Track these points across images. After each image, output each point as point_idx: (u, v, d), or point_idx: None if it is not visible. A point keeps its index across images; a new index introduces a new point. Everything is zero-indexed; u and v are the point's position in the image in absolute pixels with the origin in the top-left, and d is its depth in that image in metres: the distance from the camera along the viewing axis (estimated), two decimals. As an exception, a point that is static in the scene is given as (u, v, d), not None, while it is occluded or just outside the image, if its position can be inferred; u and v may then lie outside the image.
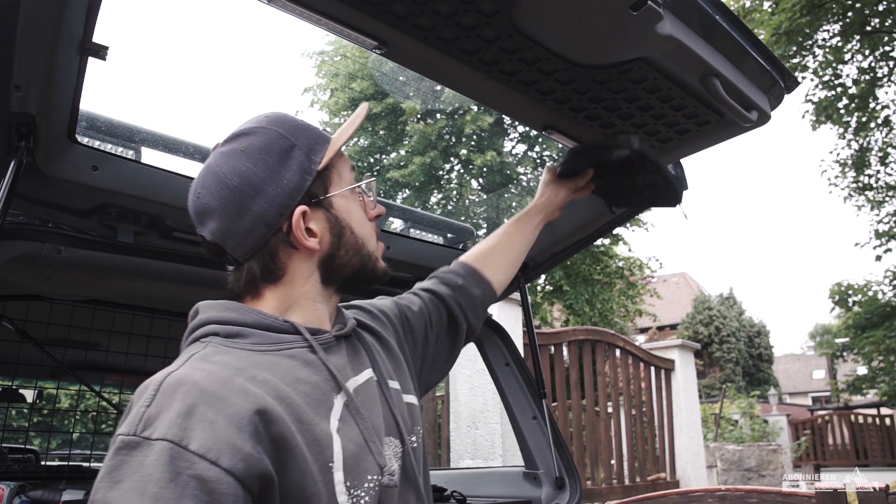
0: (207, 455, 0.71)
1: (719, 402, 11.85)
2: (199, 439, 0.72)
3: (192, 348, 0.89)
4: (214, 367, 0.81)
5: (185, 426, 0.73)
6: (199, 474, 0.70)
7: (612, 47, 1.23)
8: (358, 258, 1.00)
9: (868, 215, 14.00)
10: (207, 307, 0.95)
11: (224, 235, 0.94)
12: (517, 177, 15.94)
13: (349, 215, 1.00)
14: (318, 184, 0.96)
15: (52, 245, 1.43)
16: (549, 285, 15.05)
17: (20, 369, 2.84)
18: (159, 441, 0.71)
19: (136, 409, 0.75)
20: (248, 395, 0.78)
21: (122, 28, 4.10)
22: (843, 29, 10.79)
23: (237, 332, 0.90)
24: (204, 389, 0.76)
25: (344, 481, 0.84)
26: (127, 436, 0.73)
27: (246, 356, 0.86)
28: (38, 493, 1.71)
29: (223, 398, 0.76)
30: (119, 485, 0.69)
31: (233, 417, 0.75)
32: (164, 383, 0.77)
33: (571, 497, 2.05)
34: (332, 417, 0.88)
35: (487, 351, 2.31)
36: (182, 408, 0.74)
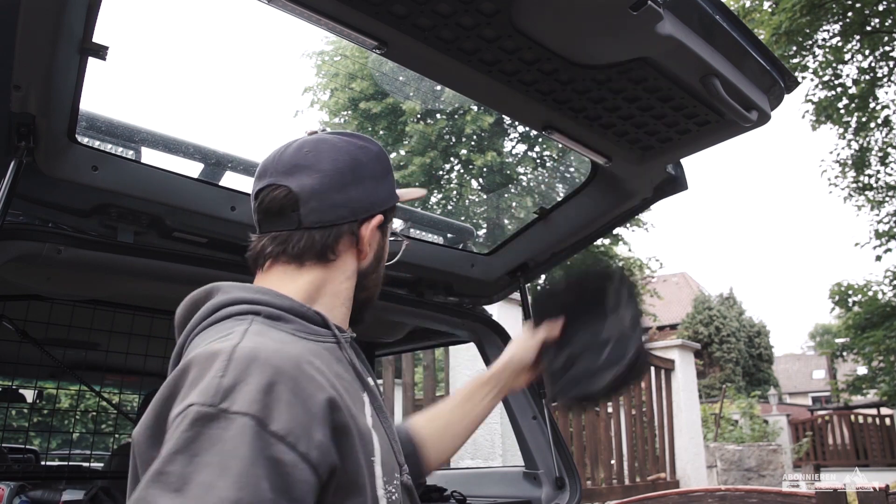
0: (287, 438, 0.68)
1: (719, 402, 11.84)
2: (280, 420, 0.69)
3: (228, 324, 0.84)
4: (279, 346, 0.78)
5: (267, 403, 0.69)
6: (277, 456, 0.67)
7: (612, 47, 1.23)
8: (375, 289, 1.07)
9: (868, 215, 13.99)
10: (232, 288, 0.92)
11: (311, 195, 0.95)
12: (517, 177, 15.94)
13: (384, 251, 1.08)
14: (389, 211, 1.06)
15: (52, 245, 1.43)
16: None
17: (20, 369, 2.84)
18: (240, 415, 0.67)
19: (208, 379, 0.70)
20: (317, 382, 0.77)
21: (122, 28, 4.10)
22: (843, 29, 10.78)
23: (279, 315, 0.88)
24: (279, 368, 0.73)
25: (382, 475, 0.84)
26: (203, 406, 0.68)
27: (295, 340, 0.85)
28: (38, 493, 1.71)
29: (297, 381, 0.74)
30: (197, 459, 0.65)
31: (307, 402, 0.73)
32: (236, 354, 0.73)
33: (571, 497, 2.06)
34: (366, 414, 0.88)
35: (487, 351, 2.31)
36: (261, 383, 0.70)
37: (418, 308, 2.14)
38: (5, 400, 3.34)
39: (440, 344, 3.04)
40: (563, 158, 15.68)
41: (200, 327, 0.88)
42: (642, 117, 1.47)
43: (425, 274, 2.11)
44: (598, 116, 1.47)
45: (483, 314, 2.33)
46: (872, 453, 14.47)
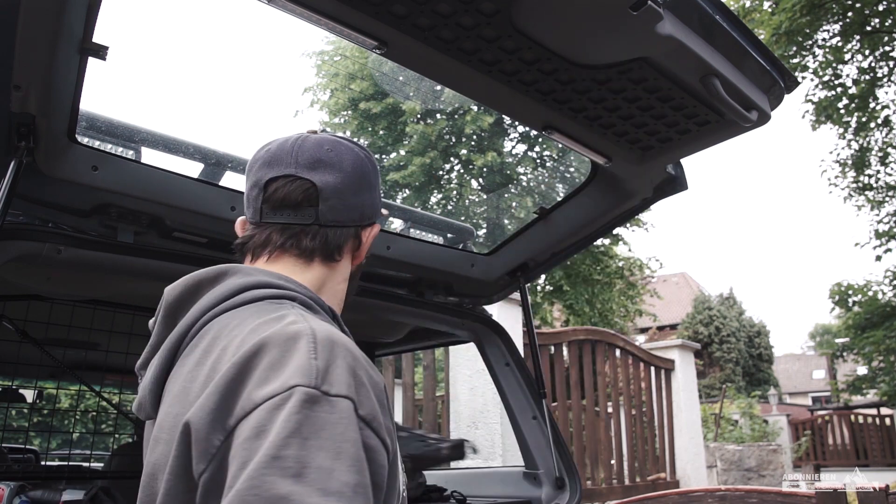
0: (372, 423, 0.69)
1: (719, 402, 11.85)
2: (366, 405, 0.69)
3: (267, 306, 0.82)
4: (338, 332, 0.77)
5: (356, 387, 0.69)
6: (366, 441, 0.67)
7: (612, 47, 1.23)
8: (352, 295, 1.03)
9: (868, 215, 14.00)
10: (253, 270, 0.90)
11: (332, 192, 0.95)
12: (517, 177, 15.94)
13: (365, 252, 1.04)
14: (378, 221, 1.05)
15: (52, 245, 1.43)
16: (549, 285, 15.05)
17: (20, 369, 2.84)
18: (341, 398, 0.67)
19: (302, 360, 0.69)
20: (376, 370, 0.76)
21: (122, 28, 4.09)
22: (843, 29, 10.78)
23: (311, 304, 0.88)
24: (354, 353, 0.73)
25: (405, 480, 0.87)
26: (309, 388, 0.66)
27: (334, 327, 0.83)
28: (38, 493, 1.71)
29: (368, 366, 0.74)
30: (310, 442, 0.63)
31: (376, 387, 0.73)
32: (318, 336, 0.72)
33: (571, 497, 2.06)
34: None
35: (487, 351, 2.31)
36: (348, 367, 0.70)
37: (418, 308, 2.14)
38: (5, 400, 3.34)
39: (440, 344, 3.04)
40: (563, 158, 15.68)
41: (226, 305, 0.84)
42: (642, 117, 1.47)
43: (425, 274, 2.11)
44: (598, 116, 1.47)
45: (483, 314, 2.33)
46: (872, 453, 14.47)
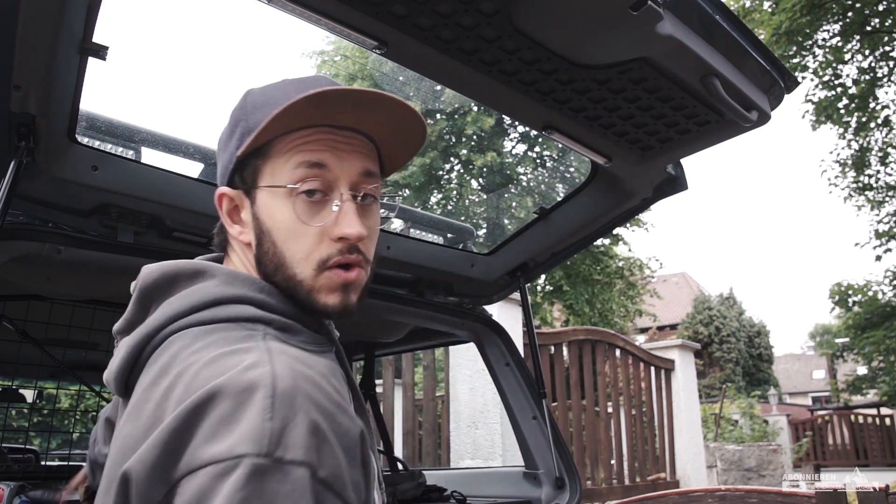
0: (334, 485, 0.62)
1: (719, 402, 11.85)
2: (327, 465, 0.62)
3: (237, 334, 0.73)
4: (309, 372, 0.68)
5: (316, 447, 0.62)
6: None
7: (612, 47, 1.23)
8: (281, 278, 0.80)
9: (868, 215, 14.01)
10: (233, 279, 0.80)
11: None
12: (517, 177, 15.94)
13: (271, 220, 0.81)
14: (248, 170, 0.83)
15: (52, 245, 1.43)
16: (549, 285, 15.05)
17: (20, 369, 2.84)
18: (296, 466, 0.60)
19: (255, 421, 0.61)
20: (348, 414, 0.69)
21: (122, 28, 4.09)
22: (843, 29, 10.79)
23: (290, 325, 0.78)
24: (319, 404, 0.65)
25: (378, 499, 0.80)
26: (258, 458, 0.59)
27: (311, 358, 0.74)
28: (38, 493, 1.71)
29: (335, 417, 0.66)
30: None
31: (344, 440, 0.66)
32: (278, 388, 0.63)
33: (571, 497, 2.06)
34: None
35: (487, 351, 2.31)
36: (309, 425, 0.63)
37: (418, 308, 2.14)
38: (5, 400, 3.34)
39: (440, 344, 3.04)
40: (563, 158, 15.68)
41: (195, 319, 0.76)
42: (642, 117, 1.47)
43: (425, 274, 2.11)
44: (598, 116, 1.47)
45: (483, 314, 2.33)
46: (872, 453, 14.47)
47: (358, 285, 0.82)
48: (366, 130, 0.83)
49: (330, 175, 0.80)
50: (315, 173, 0.79)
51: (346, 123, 0.81)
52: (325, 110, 0.78)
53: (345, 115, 0.80)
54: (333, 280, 0.80)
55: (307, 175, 0.79)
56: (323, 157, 0.79)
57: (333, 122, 0.80)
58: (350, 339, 2.76)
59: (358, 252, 0.81)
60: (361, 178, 0.82)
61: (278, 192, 0.80)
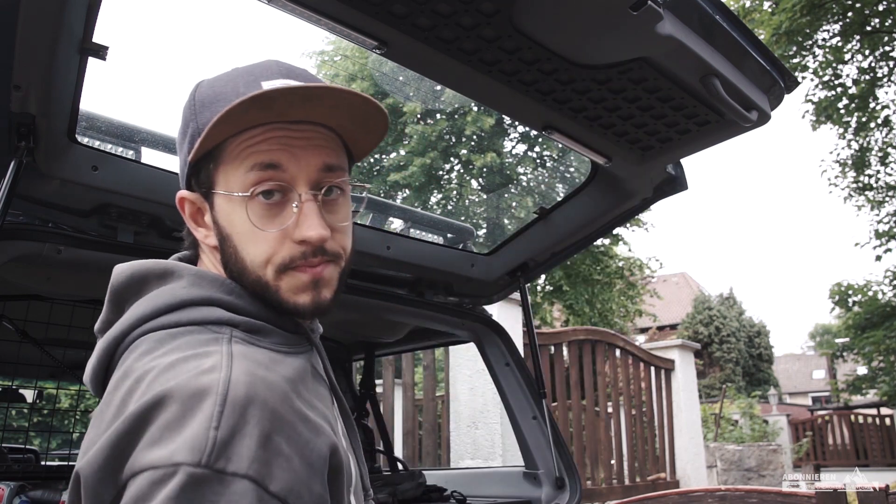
0: (288, 499, 0.60)
1: (719, 402, 11.85)
2: (281, 479, 0.60)
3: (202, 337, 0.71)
4: (272, 378, 0.66)
5: (266, 460, 0.60)
6: None
7: (612, 47, 1.23)
8: (248, 282, 0.77)
9: (868, 215, 14.01)
10: (200, 280, 0.78)
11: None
12: (517, 177, 15.94)
13: (230, 226, 0.78)
14: (203, 174, 0.79)
15: (52, 245, 1.43)
16: (549, 285, 15.05)
17: (20, 369, 2.84)
18: (240, 479, 0.58)
19: (198, 429, 0.59)
20: (313, 423, 0.67)
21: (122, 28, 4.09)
22: (843, 29, 10.79)
23: (260, 327, 0.76)
24: (275, 412, 0.63)
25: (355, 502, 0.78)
26: (196, 468, 0.57)
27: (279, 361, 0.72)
28: (38, 493, 1.71)
29: (295, 427, 0.64)
30: None
31: (304, 451, 0.64)
32: (230, 396, 0.61)
33: (571, 497, 2.06)
34: (339, 434, 0.78)
35: (487, 351, 2.31)
36: (260, 435, 0.60)
37: (418, 308, 2.14)
38: (5, 400, 3.34)
39: (440, 344, 3.04)
40: (563, 158, 15.68)
41: (160, 323, 0.73)
42: (642, 117, 1.47)
43: (425, 274, 2.11)
44: (598, 116, 1.47)
45: (483, 314, 2.33)
46: (872, 453, 14.47)
47: (329, 281, 0.79)
48: (321, 122, 0.78)
49: (286, 175, 0.75)
50: (269, 175, 0.75)
51: (296, 117, 0.76)
52: (273, 109, 0.74)
53: (294, 109, 0.75)
54: (300, 279, 0.77)
55: (261, 178, 0.75)
56: (276, 157, 0.75)
57: (285, 117, 0.75)
58: (350, 339, 2.77)
59: (323, 253, 0.77)
60: (322, 173, 0.77)
61: (233, 198, 0.76)
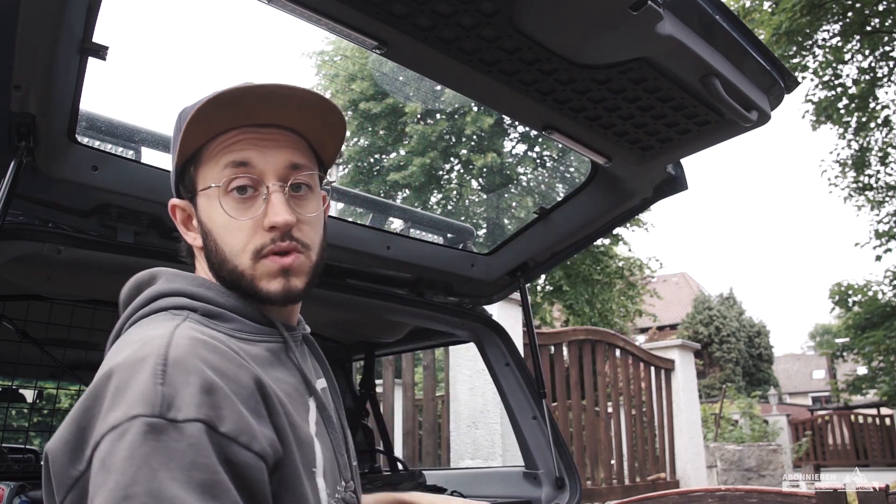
0: (239, 438, 0.67)
1: (719, 402, 11.84)
2: (230, 420, 0.67)
3: (163, 317, 0.80)
4: (212, 342, 0.74)
5: (213, 404, 0.66)
6: (234, 459, 0.66)
7: (612, 47, 1.23)
8: (226, 272, 0.86)
9: (868, 215, 14.01)
10: (175, 277, 0.87)
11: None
12: (517, 177, 15.94)
13: (210, 221, 0.87)
14: (187, 180, 0.90)
15: (52, 245, 1.43)
16: (549, 285, 15.05)
17: (20, 369, 2.84)
18: (191, 423, 0.64)
19: (146, 386, 0.66)
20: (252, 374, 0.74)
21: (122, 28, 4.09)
22: (843, 29, 10.79)
23: (218, 313, 0.84)
24: (215, 365, 0.70)
25: (325, 488, 0.81)
26: (150, 418, 0.63)
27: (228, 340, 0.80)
28: (38, 493, 1.71)
29: (236, 379, 0.71)
30: (159, 474, 0.61)
31: (248, 401, 0.71)
32: (170, 357, 0.69)
33: (571, 497, 2.05)
34: (310, 421, 0.84)
35: (487, 351, 2.31)
36: (202, 385, 0.67)
37: (418, 308, 2.14)
38: (5, 400, 3.34)
39: (440, 344, 3.04)
40: (563, 158, 15.68)
41: (137, 317, 0.84)
42: (642, 117, 1.46)
43: (425, 274, 2.11)
44: (598, 116, 1.47)
45: (483, 314, 2.33)
46: (872, 453, 14.47)
47: (299, 270, 0.86)
48: (287, 125, 0.88)
49: (255, 171, 0.85)
50: (241, 171, 0.84)
51: (264, 120, 0.86)
52: (241, 111, 0.84)
53: (259, 111, 0.85)
54: (270, 267, 0.85)
55: (234, 174, 0.84)
56: (247, 155, 0.85)
57: (254, 121, 0.85)
58: (350, 339, 2.76)
59: (291, 239, 0.85)
60: (288, 170, 0.86)
61: (212, 193, 0.86)
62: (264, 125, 0.86)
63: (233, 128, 0.85)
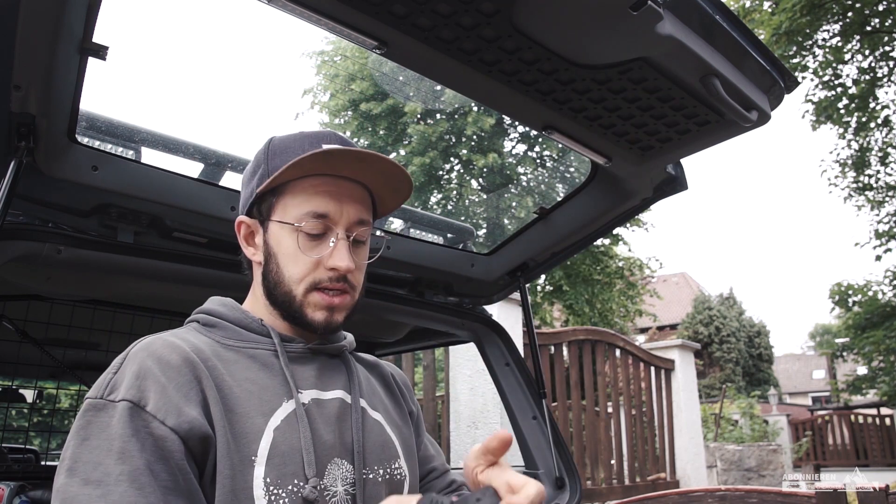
0: (157, 415, 0.81)
1: (719, 402, 11.84)
2: (153, 400, 0.82)
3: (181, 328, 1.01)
4: (178, 342, 0.90)
5: (142, 388, 0.82)
6: (154, 432, 0.80)
7: (612, 47, 1.23)
8: (280, 293, 1.00)
9: (868, 215, 14.03)
10: (211, 300, 1.05)
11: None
12: (517, 177, 15.94)
13: (278, 246, 1.01)
14: (264, 205, 1.03)
15: (52, 245, 1.43)
16: (549, 285, 15.04)
17: (20, 369, 2.84)
18: (119, 402, 0.81)
19: (105, 375, 0.86)
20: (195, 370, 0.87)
21: (122, 28, 4.09)
22: (843, 29, 10.79)
23: (214, 322, 1.00)
24: (161, 358, 0.86)
25: (264, 476, 0.86)
26: (95, 399, 0.83)
27: (210, 344, 0.95)
28: (38, 493, 1.71)
29: (176, 368, 0.86)
30: (87, 442, 0.79)
31: (182, 387, 0.84)
32: (131, 351, 0.88)
33: (571, 497, 2.05)
34: (275, 418, 0.91)
35: (487, 351, 2.31)
36: (137, 371, 0.84)
37: (418, 308, 2.14)
38: (5, 400, 3.34)
39: (440, 344, 3.04)
40: (563, 158, 15.68)
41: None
42: (642, 117, 1.46)
43: (425, 274, 2.11)
44: (598, 116, 1.47)
45: (483, 314, 2.33)
46: (872, 453, 14.48)
47: (342, 308, 1.01)
48: (363, 181, 1.02)
49: (331, 222, 0.99)
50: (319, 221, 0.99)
51: (347, 174, 1.00)
52: (330, 164, 0.97)
53: (346, 167, 0.99)
54: (321, 300, 0.99)
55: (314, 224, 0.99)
56: (328, 208, 0.99)
57: (338, 172, 0.99)
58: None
59: (345, 281, 1.00)
60: (356, 225, 1.01)
61: (286, 226, 0.99)
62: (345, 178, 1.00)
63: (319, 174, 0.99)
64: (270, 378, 0.95)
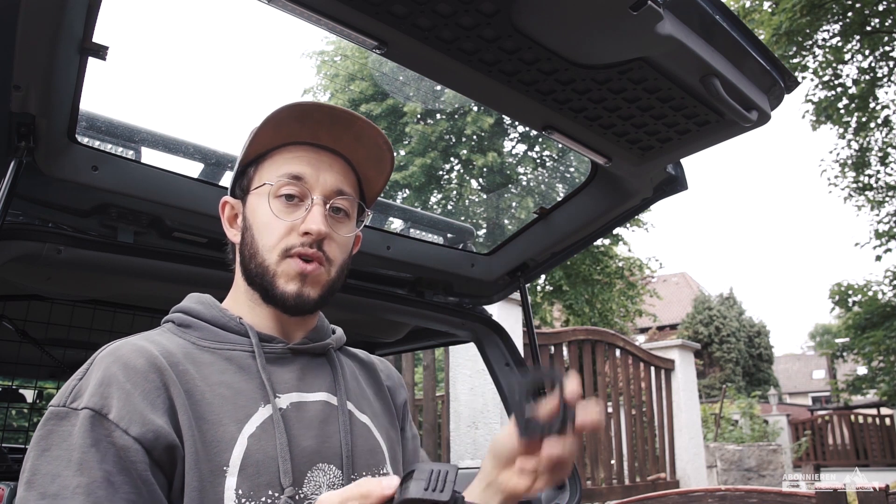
0: (121, 423, 0.77)
1: (719, 402, 11.84)
2: (116, 408, 0.78)
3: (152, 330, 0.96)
4: (147, 345, 0.86)
5: (105, 395, 0.78)
6: (116, 441, 0.76)
7: (612, 47, 1.23)
8: (254, 265, 0.95)
9: (868, 215, 14.04)
10: (189, 298, 1.01)
11: None
12: (517, 177, 15.94)
13: (253, 215, 0.97)
14: (244, 179, 1.01)
15: (52, 245, 1.43)
16: (549, 285, 15.05)
17: (20, 369, 2.84)
18: (81, 411, 0.77)
19: (70, 382, 0.81)
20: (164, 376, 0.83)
21: (122, 28, 4.09)
22: (843, 29, 10.79)
23: (189, 322, 0.96)
24: (127, 363, 0.82)
25: (236, 488, 0.82)
26: (57, 407, 0.79)
27: (184, 346, 0.91)
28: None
29: (142, 373, 0.81)
30: (47, 452, 0.76)
31: (148, 394, 0.80)
32: (98, 356, 0.84)
33: (571, 497, 2.05)
34: (250, 425, 0.86)
35: (487, 351, 2.31)
36: (101, 378, 0.80)
37: (418, 308, 2.14)
38: (5, 400, 3.34)
39: (440, 344, 3.04)
40: (563, 158, 15.68)
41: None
42: (642, 117, 1.46)
43: (425, 274, 2.11)
44: (598, 116, 1.47)
45: (483, 314, 2.33)
46: (872, 453, 14.48)
47: (316, 279, 0.95)
48: (342, 151, 0.99)
49: (306, 186, 0.96)
50: (295, 183, 0.95)
51: (325, 142, 0.98)
52: (306, 128, 0.95)
53: (323, 132, 0.96)
54: (292, 267, 0.93)
55: (288, 183, 0.95)
56: (303, 170, 0.96)
57: (316, 140, 0.97)
58: (350, 339, 2.76)
59: (319, 248, 0.94)
60: (334, 192, 0.97)
61: (262, 192, 0.96)
62: (324, 147, 0.98)
63: (297, 142, 0.97)
64: (246, 381, 0.90)
